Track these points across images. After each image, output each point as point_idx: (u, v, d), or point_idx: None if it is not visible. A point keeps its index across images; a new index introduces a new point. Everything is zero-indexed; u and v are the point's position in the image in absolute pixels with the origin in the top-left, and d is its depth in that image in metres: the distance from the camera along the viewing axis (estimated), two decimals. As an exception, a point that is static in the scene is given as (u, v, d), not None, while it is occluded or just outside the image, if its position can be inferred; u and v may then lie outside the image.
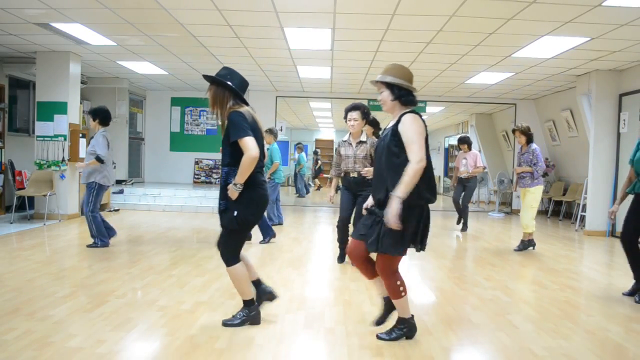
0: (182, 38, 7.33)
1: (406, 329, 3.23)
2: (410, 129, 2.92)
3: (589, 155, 8.77)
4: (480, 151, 14.96)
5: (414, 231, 2.98)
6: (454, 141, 18.76)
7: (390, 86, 3.06)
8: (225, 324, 3.41)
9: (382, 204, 2.98)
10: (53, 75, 8.55)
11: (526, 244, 6.80)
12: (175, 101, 12.92)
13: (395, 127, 3.00)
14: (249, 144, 3.11)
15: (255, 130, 3.23)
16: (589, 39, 6.60)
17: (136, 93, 12.47)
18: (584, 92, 8.87)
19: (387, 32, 6.68)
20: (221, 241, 3.37)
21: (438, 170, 20.29)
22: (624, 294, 4.55)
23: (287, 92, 12.18)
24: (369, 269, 3.21)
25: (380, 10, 5.81)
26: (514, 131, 6.86)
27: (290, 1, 5.65)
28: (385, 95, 3.09)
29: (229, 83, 3.23)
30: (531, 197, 6.62)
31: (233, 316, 3.46)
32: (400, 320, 3.24)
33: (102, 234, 6.10)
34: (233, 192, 3.18)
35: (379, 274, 3.15)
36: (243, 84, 3.33)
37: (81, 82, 9.21)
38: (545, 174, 11.67)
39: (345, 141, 5.30)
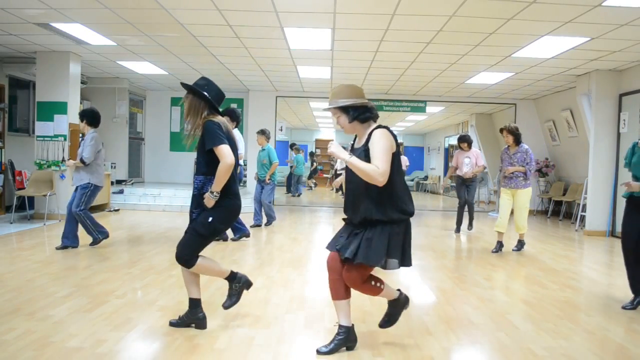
0: (182, 38, 7.33)
1: (397, 306, 3.23)
2: (377, 145, 2.83)
3: (589, 155, 8.77)
4: (480, 151, 14.99)
5: (399, 245, 2.91)
6: (454, 141, 18.77)
7: (344, 109, 2.95)
8: (226, 306, 3.44)
9: (362, 223, 2.91)
10: (53, 75, 8.55)
11: (523, 244, 6.81)
12: (175, 101, 12.91)
13: (366, 147, 2.90)
14: (224, 151, 3.11)
15: (229, 140, 3.22)
16: (589, 39, 6.60)
17: (136, 93, 12.47)
18: (584, 92, 8.87)
19: (387, 32, 6.68)
20: (185, 243, 3.30)
21: (438, 170, 20.31)
22: (624, 308, 4.20)
23: (287, 92, 12.18)
24: (342, 286, 3.03)
25: (380, 10, 5.81)
26: (501, 130, 6.81)
27: (290, 1, 5.65)
28: (342, 120, 2.99)
29: (206, 94, 3.24)
30: (525, 199, 6.58)
31: (229, 297, 3.45)
32: (390, 302, 3.24)
33: (98, 226, 6.00)
34: (210, 200, 3.18)
35: (348, 284, 2.99)
36: (219, 96, 3.33)
37: (81, 82, 9.21)
38: (545, 174, 11.69)
39: (352, 144, 5.37)
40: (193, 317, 3.36)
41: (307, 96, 12.65)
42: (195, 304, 3.36)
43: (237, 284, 3.46)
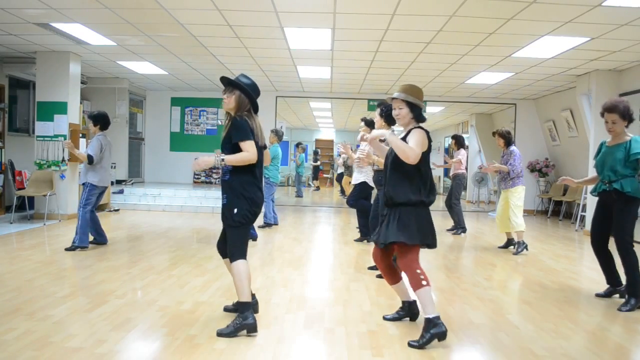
0: (182, 38, 7.33)
1: (434, 329, 3.19)
2: (416, 137, 3.31)
3: (589, 155, 8.77)
4: (480, 151, 14.97)
5: (421, 227, 3.29)
6: (453, 141, 18.74)
7: (410, 105, 3.41)
8: (220, 334, 3.25)
9: (390, 203, 3.36)
10: (53, 75, 8.55)
11: (520, 244, 6.66)
12: (175, 101, 12.91)
13: (404, 139, 3.38)
14: (250, 148, 3.31)
15: (254, 136, 3.39)
16: (589, 39, 6.60)
17: (136, 93, 12.47)
18: (584, 92, 8.87)
19: (387, 32, 6.67)
20: (229, 240, 3.39)
21: (438, 170, 20.29)
22: (597, 295, 4.57)
23: (287, 92, 12.18)
24: (390, 274, 3.61)
25: (380, 10, 5.81)
26: (494, 134, 7.11)
27: (290, 1, 5.65)
28: (405, 112, 3.43)
29: (252, 94, 3.49)
30: (515, 197, 6.69)
31: (227, 326, 3.30)
32: (427, 321, 3.22)
33: (84, 233, 5.95)
34: (210, 160, 3.29)
35: (399, 266, 3.42)
36: (258, 95, 3.60)
37: (81, 82, 9.21)
38: (545, 174, 11.69)
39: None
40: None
41: (307, 96, 12.65)
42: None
43: (243, 319, 3.26)
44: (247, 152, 3.29)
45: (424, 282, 3.23)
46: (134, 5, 5.91)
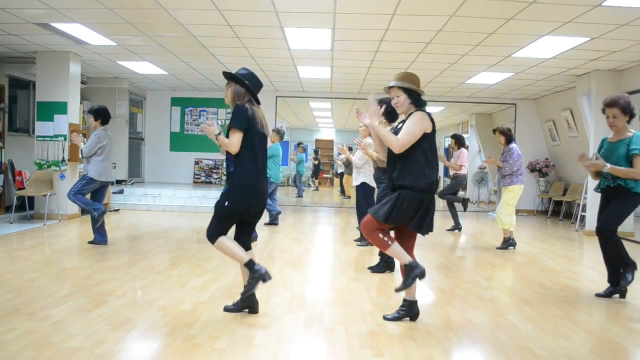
0: (182, 38, 7.33)
1: (413, 272, 3.44)
2: (410, 123, 3.41)
3: (589, 155, 8.76)
4: (480, 151, 14.97)
5: (411, 210, 3.39)
6: (453, 141, 18.74)
7: (407, 91, 3.50)
8: (242, 294, 3.61)
9: (395, 187, 3.45)
10: (53, 75, 8.55)
11: (507, 242, 6.84)
12: (175, 101, 12.91)
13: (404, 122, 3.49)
14: (234, 140, 3.43)
15: (253, 126, 3.49)
16: (589, 39, 6.60)
17: (136, 93, 12.48)
18: (584, 92, 8.88)
19: (387, 32, 6.68)
20: (209, 223, 3.55)
21: (439, 170, 20.29)
22: (597, 295, 4.54)
23: (287, 92, 12.18)
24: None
25: (380, 10, 5.81)
26: (494, 131, 7.16)
27: (290, 1, 5.65)
28: (403, 99, 3.53)
29: (247, 82, 3.58)
30: (508, 195, 6.76)
31: (244, 286, 3.58)
32: (405, 267, 3.46)
33: (91, 205, 6.09)
34: (210, 131, 3.49)
35: (362, 230, 3.56)
36: (258, 85, 3.69)
37: (81, 82, 9.21)
38: (545, 174, 11.68)
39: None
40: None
41: (307, 96, 12.65)
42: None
43: (253, 274, 3.51)
44: (229, 142, 3.42)
45: (389, 242, 3.43)
46: (134, 5, 5.91)
